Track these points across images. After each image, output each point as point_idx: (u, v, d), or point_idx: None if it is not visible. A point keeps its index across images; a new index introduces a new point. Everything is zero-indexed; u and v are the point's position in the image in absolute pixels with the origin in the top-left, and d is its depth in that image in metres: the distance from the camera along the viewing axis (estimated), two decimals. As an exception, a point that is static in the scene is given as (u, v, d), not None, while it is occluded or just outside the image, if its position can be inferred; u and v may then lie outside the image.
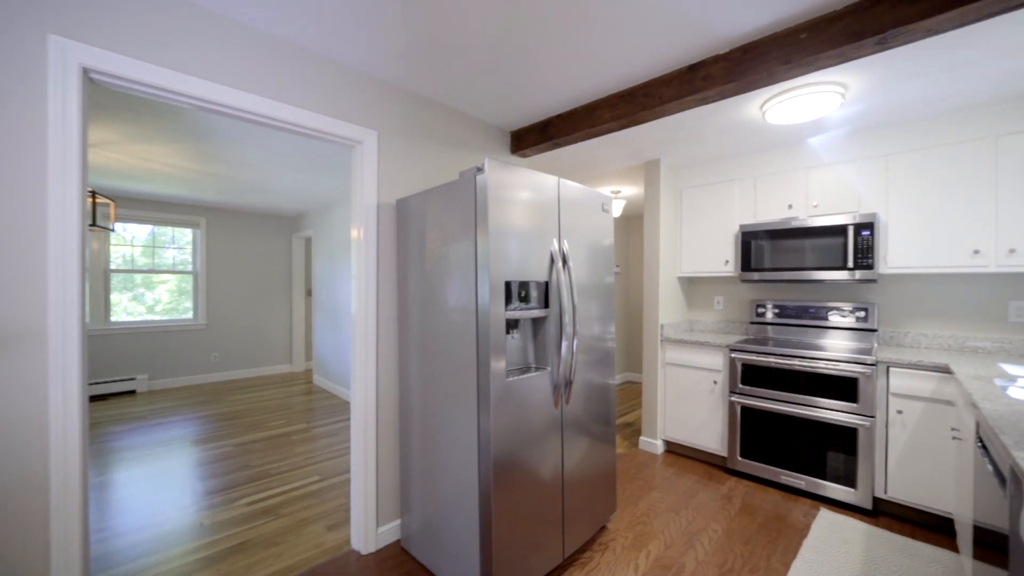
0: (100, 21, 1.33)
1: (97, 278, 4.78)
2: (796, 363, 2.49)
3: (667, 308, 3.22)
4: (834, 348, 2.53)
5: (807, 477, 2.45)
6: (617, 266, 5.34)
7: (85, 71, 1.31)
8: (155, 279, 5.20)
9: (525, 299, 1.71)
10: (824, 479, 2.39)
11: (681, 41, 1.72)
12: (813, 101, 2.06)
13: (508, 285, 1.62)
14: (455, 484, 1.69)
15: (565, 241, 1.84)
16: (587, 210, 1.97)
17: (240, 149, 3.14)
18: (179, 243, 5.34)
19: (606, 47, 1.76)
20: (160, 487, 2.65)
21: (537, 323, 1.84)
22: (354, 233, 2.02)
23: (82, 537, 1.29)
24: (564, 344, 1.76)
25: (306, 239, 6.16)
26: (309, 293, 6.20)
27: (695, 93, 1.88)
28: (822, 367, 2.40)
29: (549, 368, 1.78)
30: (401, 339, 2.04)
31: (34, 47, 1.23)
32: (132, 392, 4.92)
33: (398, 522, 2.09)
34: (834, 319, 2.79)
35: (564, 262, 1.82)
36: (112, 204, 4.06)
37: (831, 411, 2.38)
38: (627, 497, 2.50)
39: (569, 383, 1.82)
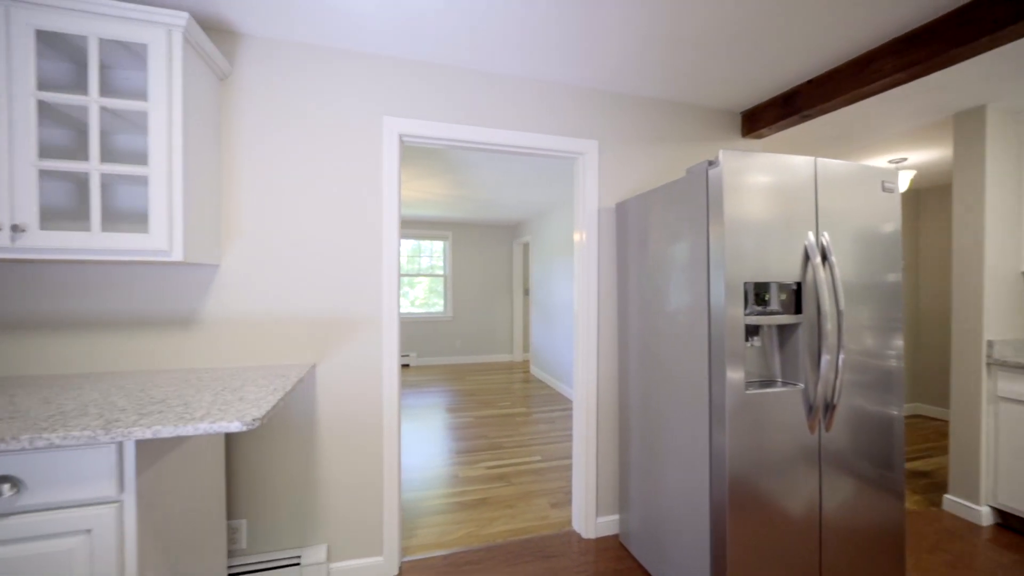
0: (412, 104, 1.84)
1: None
2: None
3: (997, 318, 2.25)
4: None
5: None
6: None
7: (400, 136, 1.83)
8: (415, 280, 6.82)
9: (765, 302, 1.49)
10: None
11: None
12: None
13: (745, 286, 1.44)
14: (680, 497, 1.62)
15: (825, 232, 1.51)
16: (858, 191, 1.57)
17: (480, 173, 3.80)
18: (431, 252, 6.85)
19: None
20: (427, 440, 3.46)
21: (785, 331, 1.57)
22: (576, 237, 2.18)
23: (397, 450, 1.82)
24: (825, 358, 1.45)
25: (524, 244, 6.96)
26: (527, 292, 6.97)
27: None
28: None
29: (802, 385, 1.50)
30: (621, 339, 2.08)
31: (375, 125, 1.80)
32: (407, 365, 6.58)
33: (616, 517, 2.14)
34: None
35: (824, 257, 1.50)
36: (398, 226, 5.54)
37: None
38: (923, 572, 1.87)
39: (831, 406, 1.48)
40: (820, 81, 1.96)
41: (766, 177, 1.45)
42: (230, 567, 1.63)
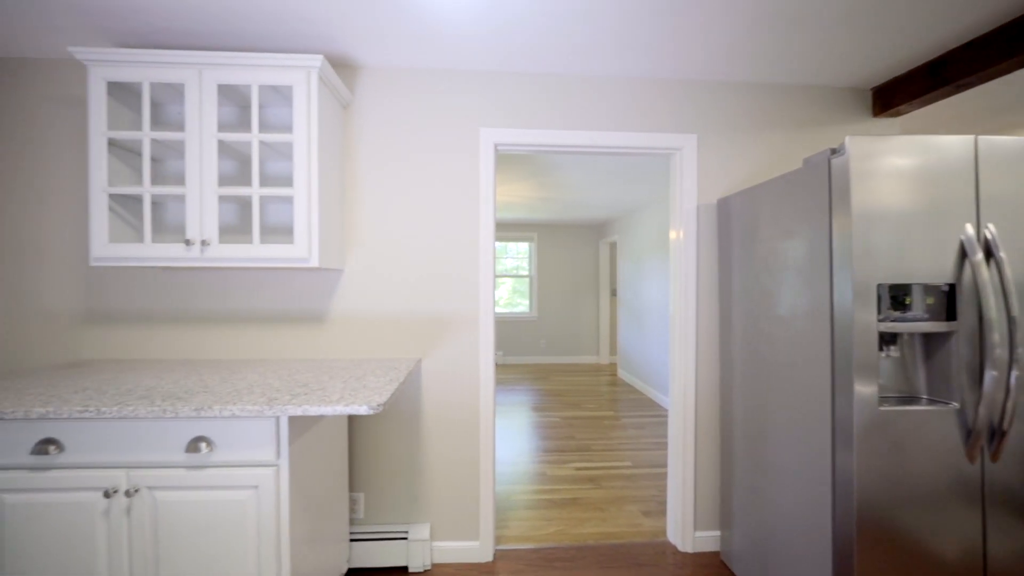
0: (505, 114, 1.93)
1: (478, 281, 6.92)
2: None
3: None
4: None
5: None
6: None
7: (495, 145, 1.93)
8: (499, 281, 7.02)
9: (904, 306, 1.29)
10: None
11: None
12: None
13: (879, 289, 1.27)
14: (795, 521, 1.47)
15: (989, 224, 1.27)
16: (1039, 173, 1.28)
17: (566, 175, 3.81)
18: (516, 253, 7.01)
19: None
20: (515, 436, 3.57)
21: (933, 340, 1.35)
22: (673, 235, 2.09)
23: (492, 443, 1.92)
24: (990, 375, 1.21)
25: (610, 244, 6.80)
26: (613, 293, 6.80)
27: None
28: None
29: (956, 404, 1.27)
30: (723, 344, 1.95)
31: (472, 137, 1.92)
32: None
33: (717, 534, 2.00)
34: None
35: (988, 253, 1.25)
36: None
37: None
38: None
39: (1000, 433, 1.24)
40: (979, 43, 1.64)
41: (907, 161, 1.26)
42: (351, 533, 1.86)
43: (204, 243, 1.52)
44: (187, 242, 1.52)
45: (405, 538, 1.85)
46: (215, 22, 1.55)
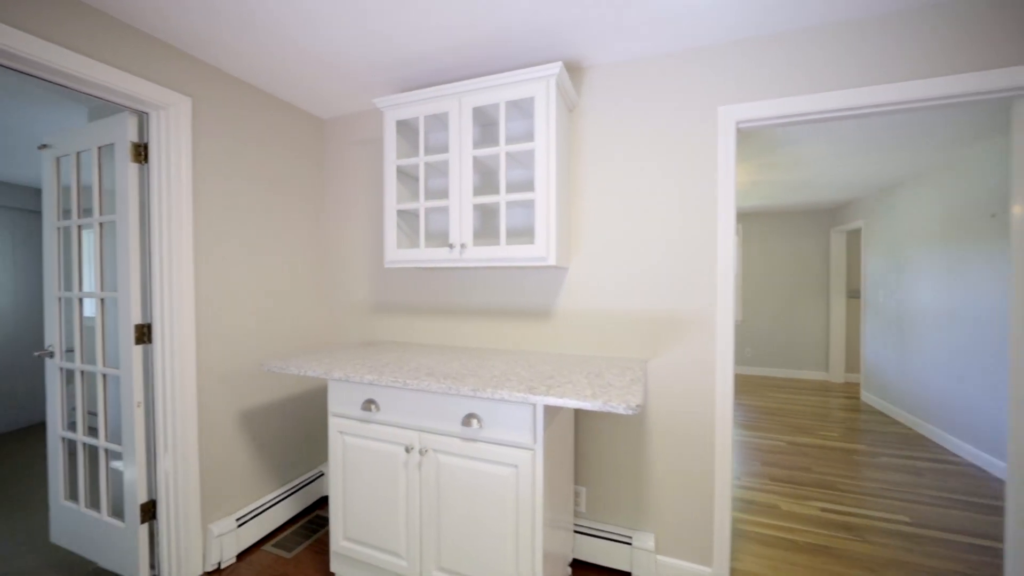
0: (748, 87, 1.68)
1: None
2: None
3: None
4: None
5: None
6: None
7: (737, 124, 1.70)
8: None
9: None
10: None
11: None
12: None
13: None
14: None
15: None
16: None
17: (795, 151, 3.15)
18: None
19: None
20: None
21: None
22: (1018, 211, 1.46)
23: (730, 462, 1.69)
24: None
25: (848, 233, 5.41)
26: (853, 295, 5.39)
27: None
28: None
29: None
30: None
31: (707, 118, 1.73)
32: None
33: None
34: None
35: None
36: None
37: None
38: None
39: None
40: None
41: None
42: (574, 524, 1.91)
43: (463, 246, 1.77)
44: (450, 246, 1.79)
45: (629, 543, 1.80)
46: (472, 51, 1.77)
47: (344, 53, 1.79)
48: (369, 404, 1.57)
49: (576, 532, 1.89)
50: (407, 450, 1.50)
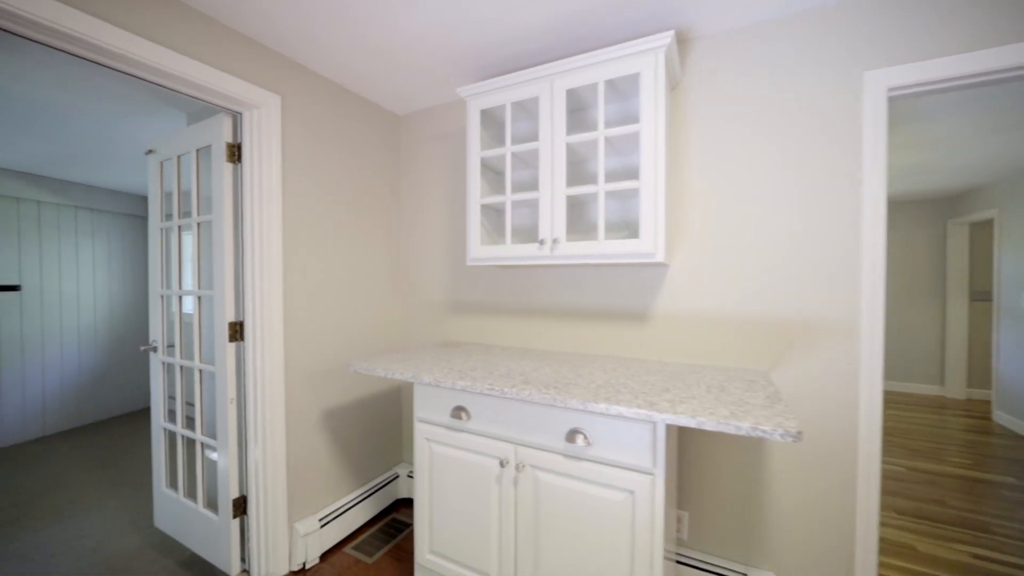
0: (902, 47, 1.38)
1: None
2: None
3: None
4: None
5: None
6: None
7: (888, 91, 1.41)
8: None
9: None
10: None
11: None
12: None
13: None
14: None
15: None
16: None
17: (928, 128, 2.69)
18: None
19: None
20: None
21: None
22: None
23: (878, 489, 1.41)
24: None
25: (971, 224, 4.66)
26: (977, 297, 4.64)
27: None
28: None
29: None
30: None
31: (847, 87, 1.45)
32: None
33: None
34: None
35: None
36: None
37: None
38: None
39: None
40: None
41: None
42: (676, 553, 1.70)
43: (555, 241, 1.62)
44: (540, 242, 1.65)
45: (744, 582, 1.57)
46: (562, 30, 1.62)
47: (429, 38, 1.70)
48: (459, 412, 1.47)
49: (680, 563, 1.68)
50: (502, 464, 1.37)
